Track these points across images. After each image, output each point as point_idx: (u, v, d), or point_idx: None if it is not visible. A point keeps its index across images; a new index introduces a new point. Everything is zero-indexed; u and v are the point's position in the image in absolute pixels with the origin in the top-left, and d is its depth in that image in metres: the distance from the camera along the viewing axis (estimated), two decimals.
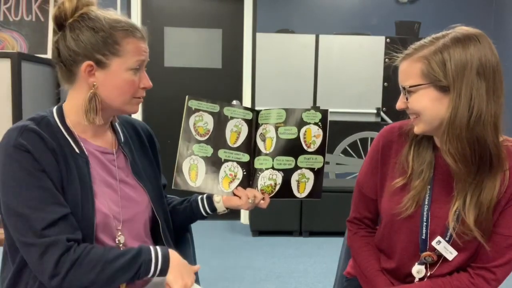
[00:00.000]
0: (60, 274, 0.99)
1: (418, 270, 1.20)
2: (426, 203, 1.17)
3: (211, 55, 4.28)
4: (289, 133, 1.29)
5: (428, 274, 1.20)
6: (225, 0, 4.25)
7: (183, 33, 4.24)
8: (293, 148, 1.29)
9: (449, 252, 1.16)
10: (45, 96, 3.40)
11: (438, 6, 4.23)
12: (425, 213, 1.17)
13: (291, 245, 3.69)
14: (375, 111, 4.28)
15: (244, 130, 1.31)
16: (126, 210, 1.17)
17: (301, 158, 1.29)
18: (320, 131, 1.29)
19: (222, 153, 1.29)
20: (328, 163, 4.24)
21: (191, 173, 1.26)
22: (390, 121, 4.25)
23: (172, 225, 1.34)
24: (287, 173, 1.29)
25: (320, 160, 1.29)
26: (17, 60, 2.93)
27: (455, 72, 1.03)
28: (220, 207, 1.34)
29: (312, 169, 1.29)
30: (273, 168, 1.29)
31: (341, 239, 1.55)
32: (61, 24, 1.10)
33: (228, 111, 1.31)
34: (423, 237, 1.17)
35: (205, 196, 1.36)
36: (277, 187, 1.29)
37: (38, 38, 3.95)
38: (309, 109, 1.30)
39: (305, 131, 1.29)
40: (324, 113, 1.30)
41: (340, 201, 3.49)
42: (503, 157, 1.09)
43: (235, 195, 1.29)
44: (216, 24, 4.25)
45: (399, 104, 1.13)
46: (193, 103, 1.28)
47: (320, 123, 1.30)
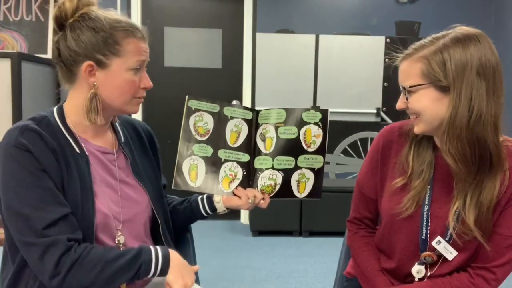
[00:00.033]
0: (60, 274, 0.99)
1: (418, 270, 1.20)
2: (426, 203, 1.17)
3: (211, 55, 4.28)
4: (289, 133, 1.29)
5: (428, 274, 1.20)
6: (225, 0, 4.25)
7: (183, 33, 4.24)
8: (293, 148, 1.29)
9: (449, 252, 1.16)
10: (45, 96, 3.40)
11: (438, 6, 4.23)
12: (425, 213, 1.17)
13: (291, 245, 3.69)
14: (375, 111, 4.28)
15: (244, 130, 1.31)
16: (126, 210, 1.17)
17: (301, 158, 1.29)
18: (320, 131, 1.29)
19: (222, 153, 1.29)
20: (328, 163, 4.24)
21: (191, 173, 1.26)
22: (390, 121, 4.25)
23: (172, 225, 1.34)
24: (287, 173, 1.29)
25: (320, 160, 1.29)
26: (17, 60, 2.93)
27: (455, 72, 1.03)
28: (220, 207, 1.34)
29: (312, 169, 1.29)
30: (273, 168, 1.29)
31: (341, 239, 1.55)
32: (61, 24, 1.10)
33: (228, 111, 1.30)
34: (423, 237, 1.17)
35: (205, 196, 1.36)
36: (277, 187, 1.29)
37: (38, 38, 3.94)
38: (309, 109, 1.30)
39: (305, 131, 1.29)
40: (324, 113, 1.30)
41: (340, 201, 3.49)
42: (503, 157, 1.09)
43: (235, 195, 1.29)
44: (216, 24, 4.25)
45: (399, 104, 1.13)
46: (193, 103, 1.28)
47: (320, 123, 1.30)
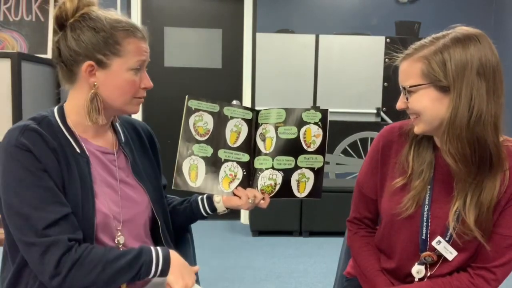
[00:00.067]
0: (60, 274, 0.99)
1: (418, 270, 1.20)
2: (426, 203, 1.17)
3: (211, 55, 4.28)
4: (289, 133, 1.29)
5: (428, 274, 1.20)
6: (225, 0, 4.25)
7: (183, 33, 4.24)
8: (293, 147, 1.29)
9: (449, 252, 1.16)
10: (45, 96, 3.40)
11: (438, 6, 4.23)
12: (425, 213, 1.17)
13: (291, 245, 3.69)
14: (375, 111, 4.28)
15: (244, 130, 1.31)
16: (126, 210, 1.17)
17: (301, 157, 1.29)
18: (320, 131, 1.30)
19: (222, 153, 1.29)
20: (328, 163, 4.24)
21: (191, 173, 1.26)
22: (390, 121, 4.25)
23: (172, 225, 1.34)
24: (287, 173, 1.29)
25: (320, 159, 1.29)
26: (17, 60, 2.93)
27: (455, 72, 1.03)
28: (220, 207, 1.34)
29: (312, 169, 1.29)
30: (273, 168, 1.29)
31: (341, 239, 1.55)
32: (62, 24, 1.10)
33: (228, 111, 1.30)
34: (423, 237, 1.17)
35: (205, 196, 1.36)
36: (277, 187, 1.29)
37: (38, 38, 3.94)
38: (309, 109, 1.30)
39: (305, 131, 1.29)
40: (324, 113, 1.30)
41: (340, 201, 3.49)
42: (503, 157, 1.09)
43: (235, 195, 1.29)
44: (216, 24, 4.25)
45: (399, 104, 1.13)
46: (193, 103, 1.28)
47: (320, 123, 1.30)
